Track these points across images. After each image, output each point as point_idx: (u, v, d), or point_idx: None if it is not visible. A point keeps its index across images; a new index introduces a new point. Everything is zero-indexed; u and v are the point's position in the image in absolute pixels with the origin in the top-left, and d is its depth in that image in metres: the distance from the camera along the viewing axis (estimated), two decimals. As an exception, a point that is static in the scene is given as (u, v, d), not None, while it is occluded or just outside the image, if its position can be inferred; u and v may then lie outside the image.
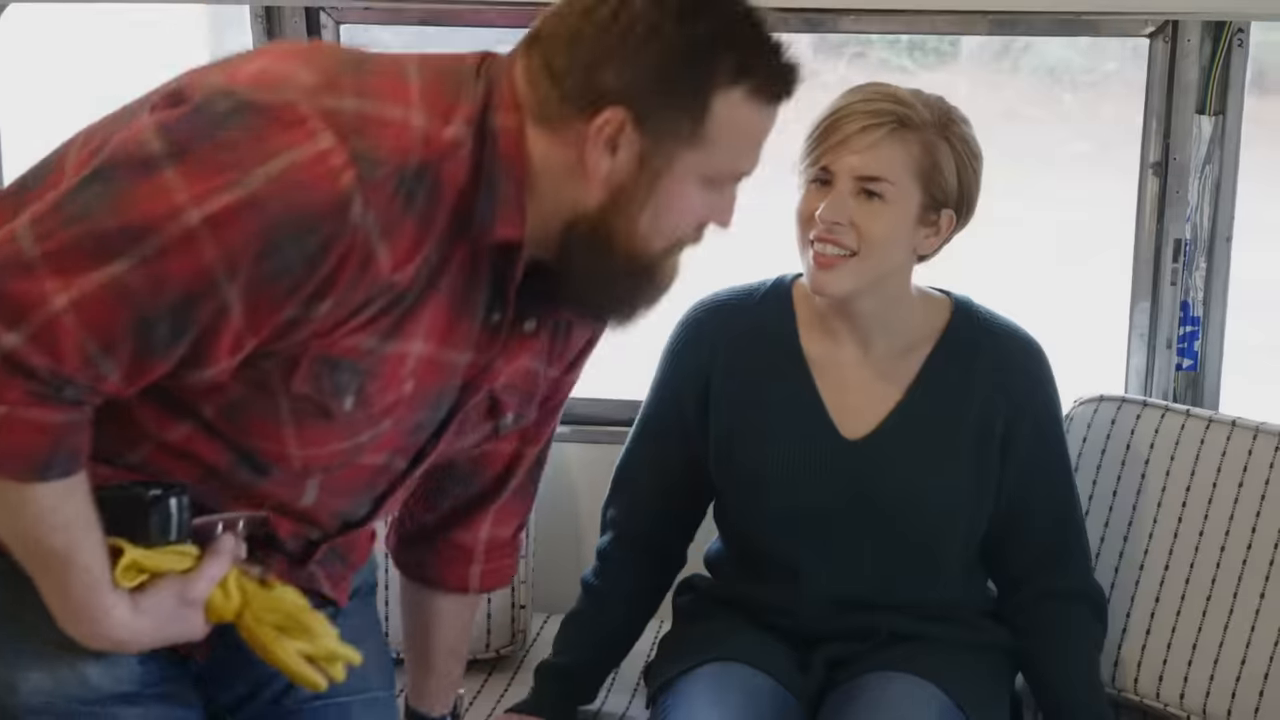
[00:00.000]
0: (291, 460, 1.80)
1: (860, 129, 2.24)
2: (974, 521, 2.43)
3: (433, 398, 1.85)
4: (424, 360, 1.78)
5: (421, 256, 1.69)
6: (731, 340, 2.44)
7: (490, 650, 2.79)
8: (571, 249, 1.77)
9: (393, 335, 1.73)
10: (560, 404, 2.09)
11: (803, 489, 2.40)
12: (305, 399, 1.74)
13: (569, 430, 2.94)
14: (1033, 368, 2.44)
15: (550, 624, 2.91)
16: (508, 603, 2.78)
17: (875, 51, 4.53)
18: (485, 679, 2.77)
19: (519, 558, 2.27)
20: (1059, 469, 2.49)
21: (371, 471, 1.90)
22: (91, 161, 1.65)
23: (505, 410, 1.96)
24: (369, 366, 1.74)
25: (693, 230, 1.80)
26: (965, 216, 2.34)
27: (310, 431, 1.78)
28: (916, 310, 2.41)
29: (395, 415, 1.81)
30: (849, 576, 2.42)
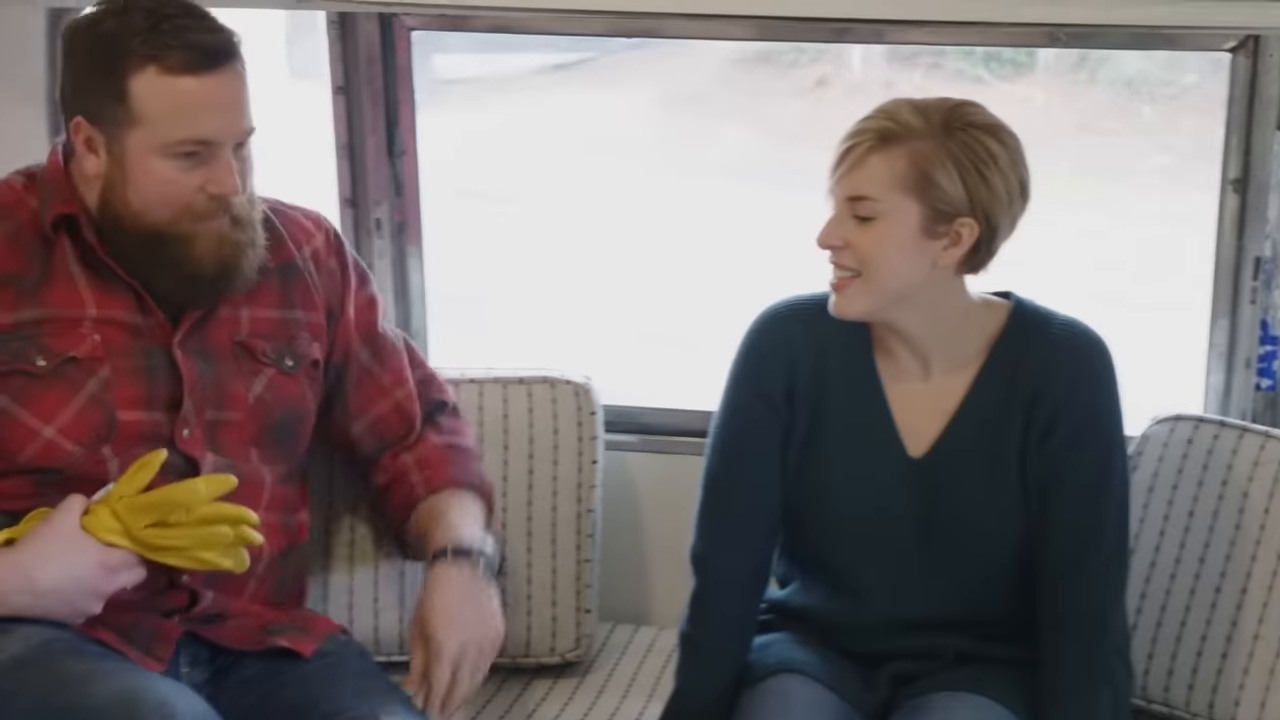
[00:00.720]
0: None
1: (845, 150, 2.25)
2: (1026, 529, 2.39)
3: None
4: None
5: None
6: (812, 346, 2.41)
7: (555, 655, 2.78)
8: (105, 239, 2.24)
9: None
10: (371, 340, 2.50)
11: (867, 507, 2.39)
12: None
13: (637, 440, 2.99)
14: (1082, 362, 2.36)
15: (617, 632, 2.94)
16: (572, 607, 2.77)
17: (950, 62, 4.54)
18: (552, 685, 2.77)
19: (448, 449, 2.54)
20: (1093, 473, 2.37)
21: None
22: None
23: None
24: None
25: (200, 198, 2.19)
26: (994, 223, 2.26)
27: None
28: (972, 321, 2.37)
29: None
30: (912, 596, 2.40)
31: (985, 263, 2.31)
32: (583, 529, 2.77)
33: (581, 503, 2.77)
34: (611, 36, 3.03)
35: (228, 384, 2.33)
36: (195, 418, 2.30)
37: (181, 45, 2.14)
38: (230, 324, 2.35)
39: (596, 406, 2.80)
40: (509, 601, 2.48)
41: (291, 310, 2.41)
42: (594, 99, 4.74)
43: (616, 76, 4.73)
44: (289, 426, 2.41)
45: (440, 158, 4.49)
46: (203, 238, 2.23)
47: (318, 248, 2.48)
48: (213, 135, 2.18)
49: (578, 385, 2.80)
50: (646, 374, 3.45)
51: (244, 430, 2.34)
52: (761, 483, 2.42)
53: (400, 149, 3.00)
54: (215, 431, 2.32)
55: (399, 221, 3.04)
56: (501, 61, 5.05)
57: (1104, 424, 2.37)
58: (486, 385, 2.80)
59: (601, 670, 2.82)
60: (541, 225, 4.68)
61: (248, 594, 2.37)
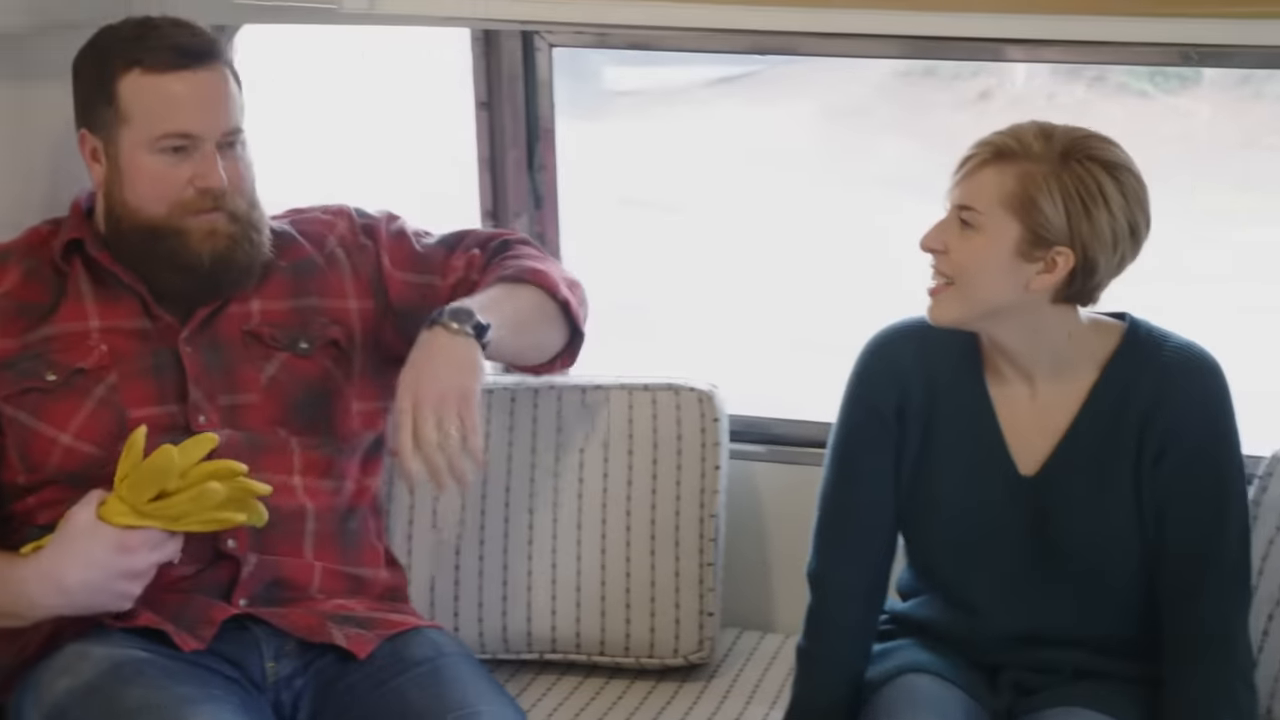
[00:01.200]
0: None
1: (964, 159, 2.28)
2: (1144, 554, 2.39)
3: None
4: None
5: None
6: (923, 365, 2.44)
7: (679, 656, 2.84)
8: (110, 248, 2.45)
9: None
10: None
11: (979, 523, 2.41)
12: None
13: (763, 450, 3.04)
14: (1194, 385, 2.35)
15: (744, 639, 2.99)
16: (695, 610, 2.82)
17: (1115, 76, 4.50)
18: (677, 689, 2.82)
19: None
20: (1209, 498, 2.36)
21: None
22: None
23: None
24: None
25: (189, 191, 2.38)
26: (1091, 258, 2.25)
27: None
28: (1079, 344, 2.38)
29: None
30: (1026, 611, 2.42)
31: (1086, 295, 2.31)
32: (705, 533, 2.82)
33: (704, 507, 2.83)
34: (746, 54, 3.06)
35: (238, 370, 2.48)
36: (208, 404, 2.45)
37: (162, 47, 2.37)
38: (240, 317, 2.51)
39: (720, 414, 2.85)
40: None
41: (305, 299, 2.55)
42: (758, 111, 4.78)
43: (780, 89, 4.77)
44: (315, 402, 2.52)
45: (606, 167, 4.61)
46: (196, 231, 2.41)
47: (343, 233, 2.63)
48: (193, 129, 2.37)
49: (701, 393, 2.86)
50: (801, 382, 3.48)
51: (264, 410, 2.48)
52: (876, 500, 2.45)
53: (540, 163, 3.09)
54: (234, 414, 2.46)
55: (538, 232, 3.13)
56: (669, 75, 5.13)
57: (1218, 449, 2.36)
58: (613, 391, 2.87)
59: (726, 675, 2.87)
60: (703, 234, 4.75)
61: (309, 554, 2.47)
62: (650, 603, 2.82)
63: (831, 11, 2.54)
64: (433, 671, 2.39)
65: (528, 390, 2.88)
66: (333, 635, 2.41)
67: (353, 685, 2.39)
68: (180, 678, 2.27)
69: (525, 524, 2.84)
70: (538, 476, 2.85)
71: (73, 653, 2.30)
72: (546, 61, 3.02)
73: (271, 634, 2.40)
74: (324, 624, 2.42)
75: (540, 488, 2.85)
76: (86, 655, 2.29)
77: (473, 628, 2.82)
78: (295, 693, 2.40)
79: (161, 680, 2.25)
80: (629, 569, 2.83)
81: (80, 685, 2.24)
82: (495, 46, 3.02)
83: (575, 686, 2.84)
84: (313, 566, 2.48)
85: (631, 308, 4.33)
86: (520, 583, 2.83)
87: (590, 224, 4.29)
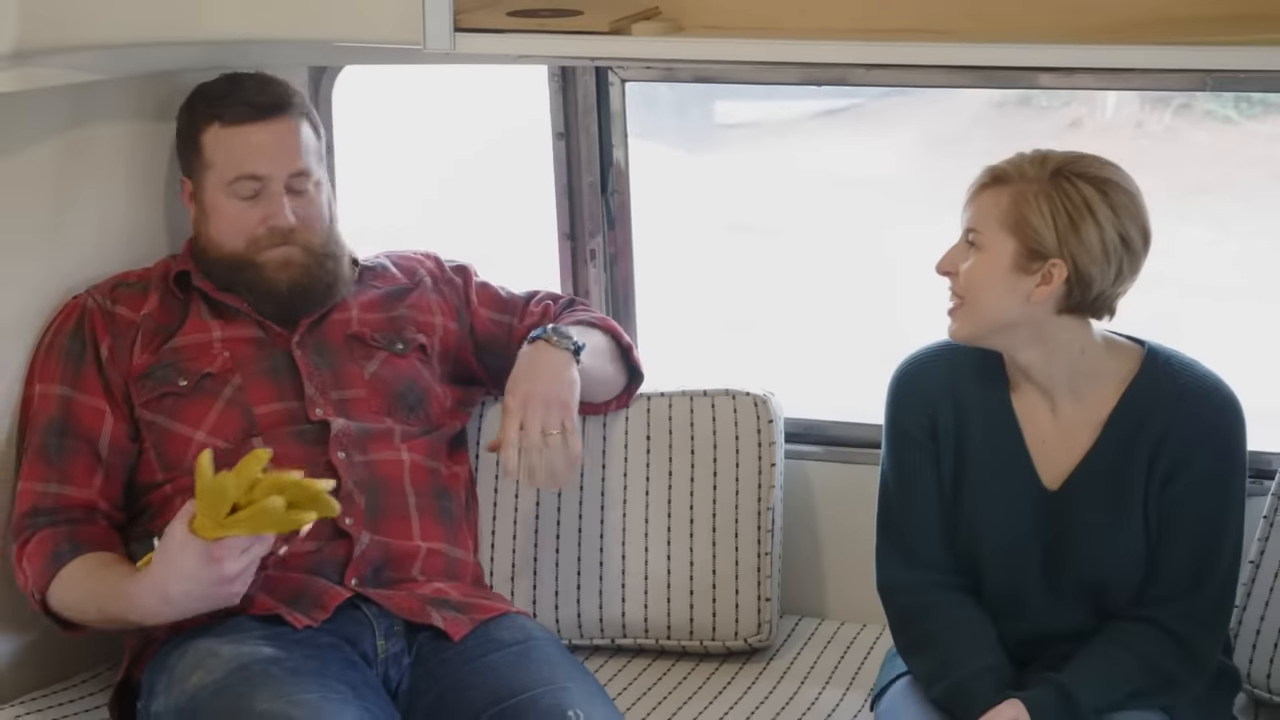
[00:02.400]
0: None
1: (969, 187, 2.46)
2: (1148, 567, 2.51)
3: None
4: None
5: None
6: (951, 388, 2.57)
7: (739, 639, 3.03)
8: (211, 277, 2.76)
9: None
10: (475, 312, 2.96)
11: (1010, 534, 2.53)
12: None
13: (821, 450, 3.23)
14: (1209, 415, 2.48)
15: (801, 625, 3.20)
16: (754, 596, 3.01)
17: (1200, 103, 4.63)
18: (738, 670, 3.03)
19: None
20: (1207, 524, 2.48)
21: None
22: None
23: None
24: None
25: (261, 229, 2.70)
26: (1083, 270, 2.37)
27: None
28: (1093, 360, 2.49)
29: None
30: (1057, 613, 2.54)
31: (1091, 307, 2.44)
32: (762, 525, 3.02)
33: (761, 501, 3.02)
34: (802, 85, 3.23)
35: (344, 368, 2.79)
36: (322, 398, 2.74)
37: (238, 103, 2.71)
38: (343, 323, 2.82)
39: (775, 416, 3.05)
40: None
41: (397, 310, 2.87)
42: (860, 141, 4.95)
43: (882, 120, 4.94)
44: (413, 394, 2.81)
45: (715, 194, 4.82)
46: (270, 264, 2.73)
47: (431, 269, 2.97)
48: (260, 170, 2.70)
49: (756, 397, 3.06)
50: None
51: (370, 401, 2.77)
52: (927, 513, 2.58)
53: (613, 188, 3.31)
54: (346, 406, 2.75)
55: (611, 253, 3.35)
56: (777, 108, 5.31)
57: (1224, 480, 2.49)
58: (675, 398, 3.09)
59: (784, 658, 3.07)
60: (804, 259, 4.94)
61: (415, 531, 2.73)
62: (712, 589, 3.02)
63: (874, 45, 2.66)
64: (522, 652, 2.61)
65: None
66: (432, 618, 2.64)
67: (446, 660, 2.61)
68: (302, 674, 2.46)
69: (598, 519, 3.06)
70: (609, 476, 3.07)
71: (204, 649, 2.52)
72: (620, 94, 3.23)
73: (380, 614, 2.63)
74: (424, 607, 2.65)
75: (611, 486, 3.06)
76: (216, 654, 2.50)
77: (550, 614, 3.04)
78: (402, 669, 2.63)
79: (286, 680, 2.44)
80: (693, 559, 3.03)
81: (210, 683, 2.45)
82: (571, 82, 3.24)
83: (644, 668, 3.05)
84: (418, 548, 2.72)
85: (736, 325, 4.53)
86: (593, 573, 3.04)
87: (699, 247, 4.54)
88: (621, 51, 2.81)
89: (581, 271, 3.37)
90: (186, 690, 2.47)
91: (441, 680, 2.58)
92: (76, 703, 2.81)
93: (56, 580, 2.59)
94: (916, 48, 2.65)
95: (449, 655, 2.61)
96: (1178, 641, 2.48)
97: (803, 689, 2.96)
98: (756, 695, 2.94)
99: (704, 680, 3.00)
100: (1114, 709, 2.43)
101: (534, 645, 2.64)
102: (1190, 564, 2.49)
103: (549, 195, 3.35)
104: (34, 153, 2.78)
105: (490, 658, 2.59)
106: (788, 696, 2.94)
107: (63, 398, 2.72)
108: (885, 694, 2.65)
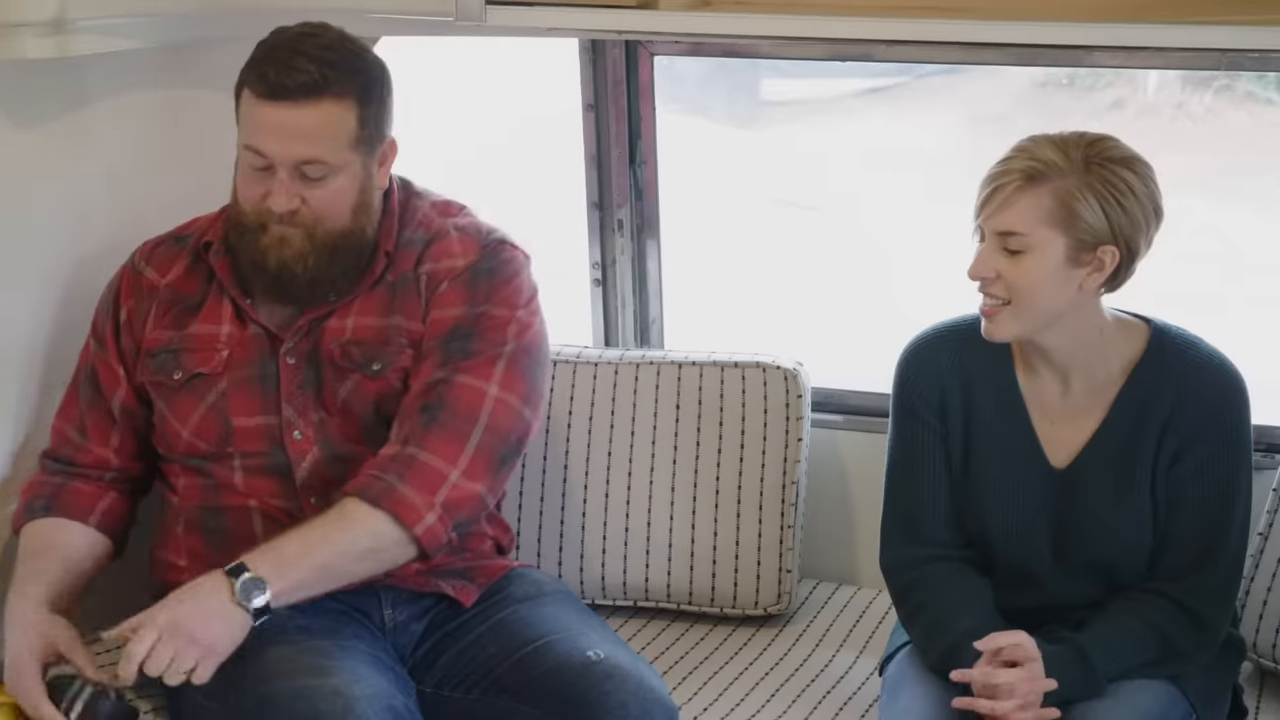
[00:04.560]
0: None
1: (993, 190, 2.41)
2: (1155, 544, 2.55)
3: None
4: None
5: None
6: (958, 368, 2.60)
7: (759, 608, 3.09)
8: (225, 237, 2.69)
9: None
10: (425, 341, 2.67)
11: (1018, 513, 2.57)
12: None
13: (842, 419, 3.27)
14: (1213, 395, 2.50)
15: (820, 589, 3.25)
16: (775, 568, 3.07)
17: (1242, 85, 4.62)
18: (754, 632, 3.10)
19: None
20: (1215, 501, 2.51)
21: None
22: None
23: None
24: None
25: (263, 205, 2.57)
26: (1133, 248, 2.42)
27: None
28: (1111, 341, 2.53)
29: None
30: (1067, 588, 2.57)
31: (1124, 281, 2.48)
32: (786, 499, 3.06)
33: (787, 475, 3.06)
34: (829, 60, 3.29)
35: (325, 388, 2.66)
36: (301, 420, 2.66)
37: (264, 75, 2.53)
38: (336, 332, 2.67)
39: (804, 389, 3.08)
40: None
41: (392, 318, 2.67)
42: (904, 118, 4.96)
43: (927, 99, 4.94)
44: (384, 416, 2.64)
45: (759, 169, 4.86)
46: (268, 236, 2.58)
47: (453, 265, 2.69)
48: (266, 152, 2.55)
49: (787, 370, 3.09)
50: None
51: (344, 427, 2.65)
52: (935, 492, 2.62)
53: (641, 159, 3.36)
54: (325, 429, 2.66)
55: (638, 223, 3.41)
56: (822, 86, 5.33)
57: (1230, 456, 2.52)
58: (706, 368, 3.12)
59: (800, 622, 3.14)
60: (844, 234, 4.98)
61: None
62: (735, 559, 3.08)
63: (893, 21, 2.71)
64: (535, 605, 2.66)
65: (629, 365, 3.16)
66: (439, 585, 2.69)
67: (464, 622, 2.66)
68: (316, 632, 2.52)
69: (624, 485, 3.12)
70: (636, 443, 3.12)
71: None
72: (648, 68, 3.28)
73: (386, 586, 2.67)
74: (429, 578, 2.70)
75: (639, 453, 3.12)
76: None
77: (574, 575, 3.11)
78: (411, 636, 2.69)
79: (300, 634, 2.50)
80: (716, 528, 3.09)
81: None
82: (601, 54, 3.29)
83: (663, 628, 3.12)
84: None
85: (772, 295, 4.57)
86: (619, 537, 3.11)
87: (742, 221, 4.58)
88: (649, 25, 2.86)
89: (609, 240, 3.43)
90: None
91: (459, 641, 2.64)
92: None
93: (25, 528, 2.73)
94: (933, 24, 2.70)
95: (465, 617, 2.67)
96: (1187, 614, 2.51)
97: (817, 652, 3.03)
98: (771, 656, 3.01)
99: (721, 641, 3.08)
100: (1124, 675, 2.47)
101: (546, 599, 2.68)
102: (1198, 540, 2.52)
103: (578, 173, 3.40)
104: (78, 117, 2.87)
105: (503, 614, 2.64)
106: (802, 659, 3.01)
107: (94, 354, 2.80)
108: (891, 660, 2.70)
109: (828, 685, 2.91)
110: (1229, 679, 2.66)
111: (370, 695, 2.36)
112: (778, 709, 2.83)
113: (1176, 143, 4.91)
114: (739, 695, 2.87)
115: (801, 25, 2.79)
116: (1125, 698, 2.46)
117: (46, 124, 2.84)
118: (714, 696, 2.87)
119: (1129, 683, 2.48)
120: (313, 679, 2.38)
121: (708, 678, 2.93)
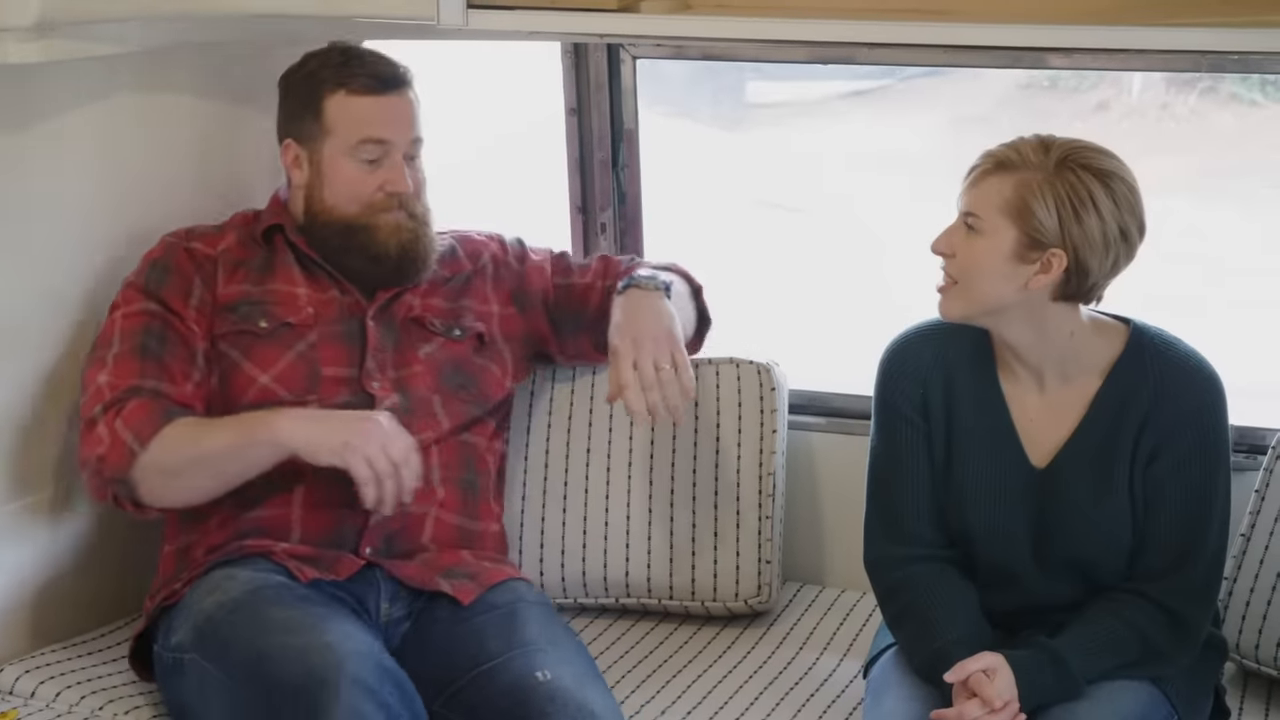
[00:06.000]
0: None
1: (969, 170, 2.45)
2: (1133, 543, 2.55)
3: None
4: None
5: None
6: (941, 366, 2.60)
7: (740, 600, 3.10)
8: (308, 236, 2.88)
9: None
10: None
11: (999, 512, 2.57)
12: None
13: (823, 421, 3.28)
14: (1190, 396, 2.51)
15: (803, 592, 3.26)
16: (754, 559, 3.08)
17: (1226, 86, 4.65)
18: (738, 635, 3.10)
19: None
20: (1193, 501, 2.51)
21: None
22: None
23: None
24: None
25: (379, 195, 2.81)
26: (1083, 260, 2.40)
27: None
28: (1085, 342, 2.53)
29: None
30: (1048, 587, 2.58)
31: (1085, 294, 2.47)
32: (764, 489, 3.09)
33: (763, 466, 3.09)
34: (811, 63, 3.30)
35: (404, 349, 2.88)
36: (380, 373, 2.84)
37: (363, 74, 2.81)
38: (408, 307, 2.91)
39: (778, 384, 3.12)
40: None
41: (459, 301, 2.97)
42: (888, 121, 4.99)
43: (909, 101, 4.98)
44: (461, 374, 2.91)
45: (744, 171, 4.88)
46: (384, 227, 2.83)
47: (494, 252, 3.04)
48: (387, 136, 2.80)
49: (760, 366, 3.13)
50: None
51: (423, 379, 2.86)
52: (918, 489, 2.62)
53: (624, 163, 3.38)
54: (402, 382, 2.84)
55: (621, 226, 3.43)
56: (807, 89, 5.36)
57: (1207, 456, 2.51)
58: (682, 365, 3.13)
59: (785, 623, 3.14)
60: (826, 236, 5.00)
61: (433, 496, 2.80)
62: (714, 551, 3.10)
63: (875, 24, 2.69)
64: (509, 614, 2.69)
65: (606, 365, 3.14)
66: (441, 585, 2.72)
67: (438, 619, 2.71)
68: (313, 600, 2.61)
69: (603, 480, 3.13)
70: (614, 439, 3.14)
71: (221, 575, 2.65)
72: (630, 71, 3.30)
73: (389, 580, 2.73)
74: (434, 577, 2.74)
75: (617, 449, 3.14)
76: (233, 577, 2.63)
77: (555, 573, 3.13)
78: (401, 633, 2.73)
79: (298, 601, 2.58)
80: (694, 521, 3.11)
81: (228, 601, 2.58)
82: (583, 58, 3.31)
83: (647, 631, 3.13)
84: (427, 514, 2.80)
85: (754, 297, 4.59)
86: (598, 533, 3.12)
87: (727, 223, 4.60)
88: (631, 29, 2.87)
89: (593, 244, 3.44)
90: (204, 610, 2.59)
91: (433, 641, 2.68)
92: (95, 655, 2.92)
93: (170, 427, 2.69)
94: (915, 27, 2.69)
95: (443, 616, 2.71)
96: (1167, 614, 2.52)
97: (800, 654, 3.03)
98: (756, 659, 3.01)
99: (705, 644, 3.08)
100: (1103, 676, 2.48)
101: (521, 608, 2.72)
102: (1177, 540, 2.53)
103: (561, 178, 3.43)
104: (63, 123, 2.88)
105: (478, 620, 2.69)
106: (786, 661, 3.01)
107: (152, 312, 2.81)
108: (875, 663, 2.70)
109: (812, 688, 2.91)
110: (1211, 680, 2.67)
111: (362, 652, 2.44)
112: (761, 711, 2.83)
113: (1161, 145, 4.93)
114: (723, 698, 2.87)
115: (783, 28, 2.79)
116: (1106, 699, 2.46)
117: (27, 128, 2.84)
118: (698, 699, 2.87)
119: (1110, 684, 2.48)
120: (307, 636, 2.46)
121: (691, 681, 2.94)
